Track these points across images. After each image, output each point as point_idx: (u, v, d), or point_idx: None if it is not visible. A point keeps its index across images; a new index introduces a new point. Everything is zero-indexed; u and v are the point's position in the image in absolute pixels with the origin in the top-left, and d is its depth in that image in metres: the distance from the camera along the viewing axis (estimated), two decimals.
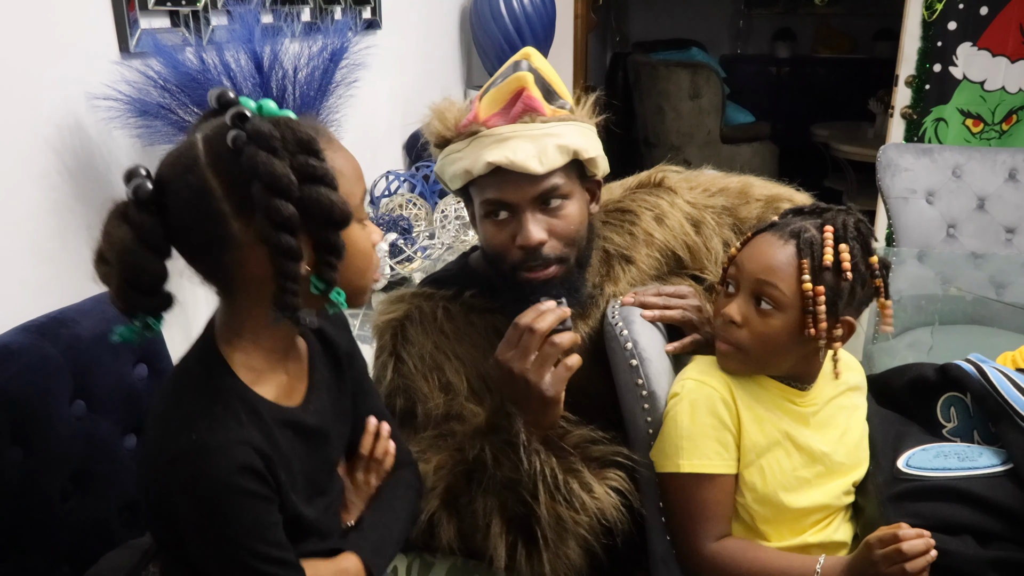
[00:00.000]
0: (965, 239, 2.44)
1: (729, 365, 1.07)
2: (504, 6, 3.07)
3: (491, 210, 1.13)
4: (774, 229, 1.05)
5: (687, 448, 1.05)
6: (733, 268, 1.07)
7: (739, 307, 1.04)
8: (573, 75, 3.81)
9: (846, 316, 1.02)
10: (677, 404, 1.07)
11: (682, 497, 1.07)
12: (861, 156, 4.22)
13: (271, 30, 1.31)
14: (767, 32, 6.20)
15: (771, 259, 1.02)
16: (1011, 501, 0.98)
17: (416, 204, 2.25)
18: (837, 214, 1.05)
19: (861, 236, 1.03)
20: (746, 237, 1.08)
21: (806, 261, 1.00)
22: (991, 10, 2.91)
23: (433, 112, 1.18)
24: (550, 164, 1.08)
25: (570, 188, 1.12)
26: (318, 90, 1.33)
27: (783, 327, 1.01)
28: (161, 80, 1.27)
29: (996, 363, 1.15)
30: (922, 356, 1.54)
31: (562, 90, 1.15)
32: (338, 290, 0.83)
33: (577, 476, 1.03)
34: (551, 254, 1.12)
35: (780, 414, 1.07)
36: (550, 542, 1.01)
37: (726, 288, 1.08)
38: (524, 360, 0.99)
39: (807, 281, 0.99)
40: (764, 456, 1.05)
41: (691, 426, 1.05)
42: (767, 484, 1.05)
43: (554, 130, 1.09)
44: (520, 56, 1.14)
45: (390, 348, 1.20)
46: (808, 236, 1.01)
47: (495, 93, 1.12)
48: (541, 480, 1.01)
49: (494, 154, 1.07)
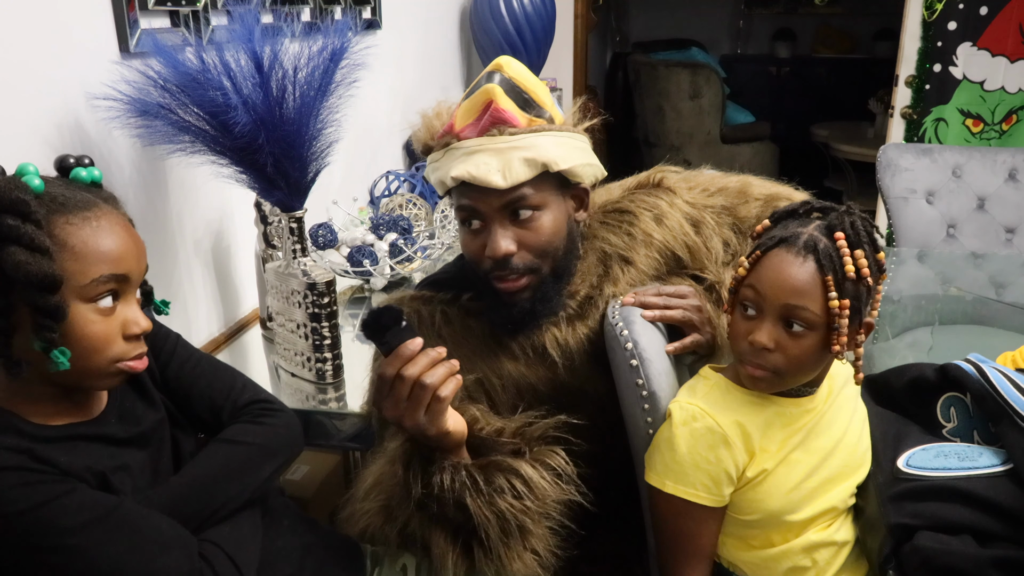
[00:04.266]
0: (965, 239, 2.44)
1: (762, 387, 1.06)
2: (504, 6, 3.06)
3: (464, 218, 1.14)
4: (786, 245, 1.00)
5: (676, 472, 1.05)
6: (751, 292, 1.02)
7: (769, 333, 1.00)
8: (573, 75, 3.81)
9: (868, 319, 1.03)
10: (680, 428, 1.05)
11: (667, 516, 1.08)
12: (861, 156, 4.22)
13: (271, 30, 1.31)
14: (767, 32, 6.20)
15: (796, 280, 0.98)
16: (1011, 501, 0.98)
17: (416, 204, 2.25)
18: (841, 217, 1.02)
19: (868, 236, 1.01)
20: (754, 254, 1.03)
21: (830, 277, 0.97)
22: (991, 10, 2.91)
23: (422, 119, 1.20)
24: (515, 178, 1.07)
25: (542, 199, 1.12)
26: (318, 90, 1.32)
27: (816, 344, 1.00)
28: (161, 80, 1.27)
29: (996, 363, 1.14)
30: (922, 356, 1.54)
31: (541, 99, 1.14)
32: (61, 350, 0.84)
33: (499, 467, 1.01)
34: (520, 264, 1.12)
35: (791, 429, 1.07)
36: (494, 539, 1.00)
37: (744, 311, 1.04)
38: (396, 408, 0.95)
39: (834, 299, 0.97)
40: (775, 473, 1.05)
41: (687, 454, 1.04)
42: (776, 501, 1.06)
43: (523, 142, 1.09)
44: (493, 67, 1.13)
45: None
46: (824, 248, 0.99)
47: (467, 104, 1.13)
48: (465, 489, 0.99)
49: (458, 168, 1.09)
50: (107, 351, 0.89)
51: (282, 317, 1.51)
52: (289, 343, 1.52)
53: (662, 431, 1.08)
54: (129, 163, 1.45)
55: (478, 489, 0.99)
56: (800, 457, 1.07)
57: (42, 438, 0.88)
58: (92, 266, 0.87)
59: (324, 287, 1.43)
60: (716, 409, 1.06)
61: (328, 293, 1.43)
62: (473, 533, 1.01)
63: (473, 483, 0.99)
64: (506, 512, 0.99)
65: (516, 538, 1.01)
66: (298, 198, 1.39)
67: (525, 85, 1.13)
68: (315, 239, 1.90)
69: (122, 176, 1.43)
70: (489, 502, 0.99)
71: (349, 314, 1.84)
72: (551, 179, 1.13)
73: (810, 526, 1.08)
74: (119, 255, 0.89)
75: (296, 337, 1.49)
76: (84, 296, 0.86)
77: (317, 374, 1.49)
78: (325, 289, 1.43)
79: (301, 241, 1.45)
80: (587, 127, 1.20)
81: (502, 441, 1.05)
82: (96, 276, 0.87)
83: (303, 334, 1.47)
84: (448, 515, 1.01)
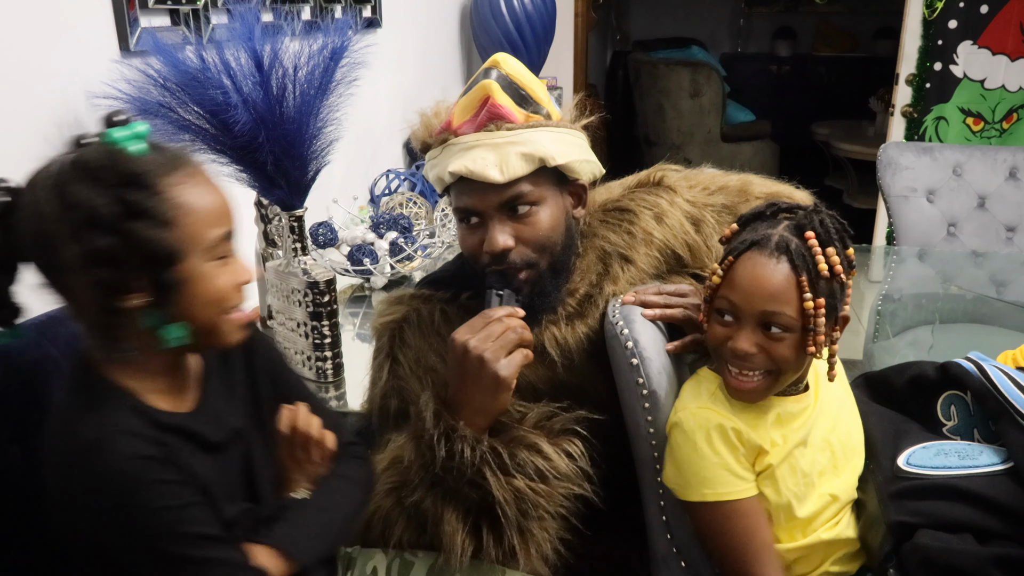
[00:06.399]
0: (965, 238, 2.44)
1: (751, 398, 1.05)
2: (504, 5, 3.06)
3: (462, 216, 1.15)
4: (758, 248, 1.00)
5: (709, 478, 1.04)
6: (725, 301, 1.01)
7: (749, 338, 1.00)
8: (573, 73, 3.81)
9: (842, 313, 1.03)
10: (697, 434, 1.04)
11: (720, 525, 1.05)
12: (861, 154, 4.21)
13: (271, 28, 1.31)
14: (767, 30, 6.20)
15: (771, 285, 0.98)
16: (1011, 499, 0.98)
17: (416, 202, 2.25)
18: (810, 216, 1.01)
19: (838, 233, 1.01)
20: (727, 260, 1.02)
21: (804, 277, 0.97)
22: (991, 8, 2.91)
23: (420, 118, 1.20)
24: (512, 173, 1.08)
25: (540, 195, 1.12)
26: (318, 88, 1.32)
27: (796, 344, 1.00)
28: (161, 79, 1.26)
29: (996, 361, 1.14)
30: (922, 354, 1.54)
31: (538, 95, 1.14)
32: (179, 325, 0.80)
33: (522, 443, 1.03)
34: (518, 259, 1.13)
35: (793, 426, 1.07)
36: (511, 518, 1.01)
37: (720, 317, 1.03)
38: (485, 342, 1.01)
39: (809, 299, 0.97)
40: (778, 469, 1.05)
41: (711, 456, 1.03)
42: (781, 496, 1.06)
43: (520, 137, 1.09)
44: (490, 63, 1.14)
45: (387, 350, 1.21)
46: (796, 248, 0.98)
47: (464, 101, 1.13)
48: (485, 464, 1.01)
49: (455, 163, 1.09)
50: (228, 302, 0.85)
51: (282, 316, 1.51)
52: (289, 342, 1.52)
53: (678, 446, 1.06)
54: None
55: (501, 464, 1.01)
56: (803, 451, 1.07)
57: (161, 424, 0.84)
58: (210, 224, 0.82)
59: (324, 286, 1.43)
60: (723, 408, 1.06)
61: (328, 292, 1.44)
62: (485, 514, 1.02)
63: (496, 457, 1.01)
64: (525, 493, 1.01)
65: (532, 519, 1.02)
66: (298, 197, 1.39)
67: (522, 81, 1.13)
68: (315, 238, 1.91)
69: None
70: (509, 480, 1.01)
71: (349, 313, 1.84)
72: (548, 174, 1.13)
73: (817, 520, 1.08)
74: (226, 205, 0.84)
75: (296, 336, 1.49)
76: (208, 256, 0.82)
77: (317, 373, 1.49)
78: (325, 288, 1.43)
79: (301, 240, 1.45)
80: (585, 124, 1.20)
81: (524, 429, 1.06)
82: (217, 234, 0.83)
83: (303, 333, 1.47)
84: (462, 492, 1.02)
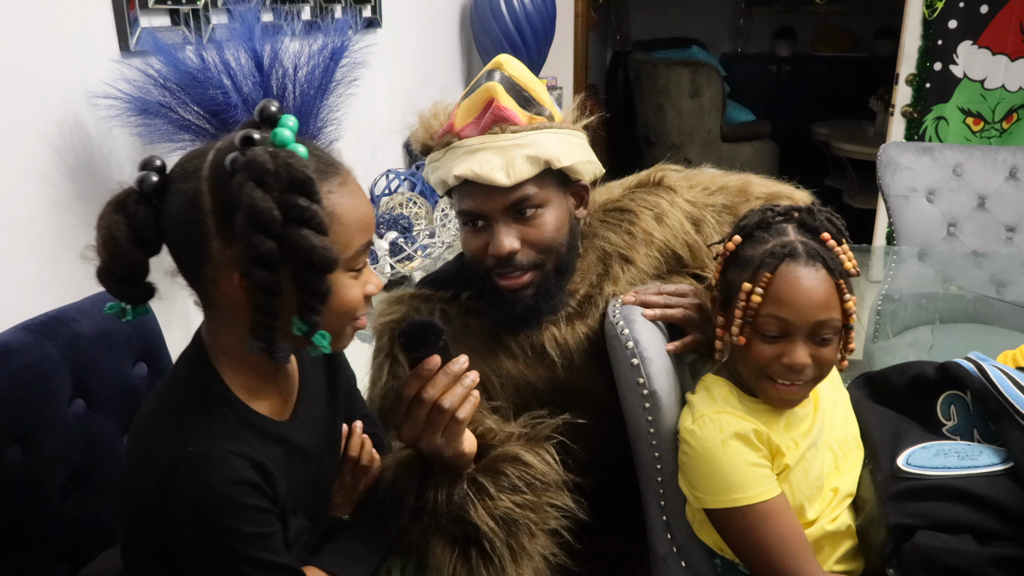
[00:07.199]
0: (965, 238, 2.44)
1: (792, 404, 1.07)
2: (504, 5, 3.06)
3: (467, 219, 1.14)
4: (792, 260, 0.99)
5: (735, 483, 1.03)
6: (772, 319, 0.99)
7: (803, 352, 1.00)
8: (573, 74, 3.81)
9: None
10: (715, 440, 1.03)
11: (753, 530, 1.04)
12: (861, 154, 4.22)
13: (271, 28, 1.31)
14: (767, 30, 6.19)
15: (819, 294, 0.98)
16: (1011, 500, 0.98)
17: (416, 202, 2.25)
18: (816, 216, 1.03)
19: (843, 229, 1.04)
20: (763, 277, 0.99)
21: (840, 280, 0.99)
22: (991, 8, 2.91)
23: (420, 119, 1.19)
24: (518, 176, 1.07)
25: (545, 197, 1.12)
26: (318, 89, 1.33)
27: (838, 345, 1.03)
28: (161, 79, 1.27)
29: (996, 361, 1.14)
30: (922, 354, 1.54)
31: (540, 96, 1.14)
32: (323, 333, 0.80)
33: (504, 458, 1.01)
34: (524, 261, 1.12)
35: (803, 428, 1.08)
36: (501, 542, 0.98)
37: (765, 336, 1.01)
38: (413, 430, 0.94)
39: (849, 300, 0.99)
40: (793, 472, 1.06)
41: (734, 458, 1.03)
42: (795, 498, 1.06)
43: (525, 140, 1.09)
44: (492, 65, 1.13)
45: (387, 350, 1.21)
46: (824, 253, 0.99)
47: (468, 103, 1.12)
48: (467, 501, 0.97)
49: (461, 167, 1.08)
50: (358, 311, 0.85)
51: None
52: None
53: (697, 453, 1.05)
54: (129, 162, 1.45)
55: (484, 494, 0.98)
56: (815, 453, 1.08)
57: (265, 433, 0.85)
58: (356, 235, 0.82)
59: None
60: (741, 411, 1.06)
61: None
62: (473, 542, 0.99)
63: (477, 491, 0.98)
64: (512, 513, 0.98)
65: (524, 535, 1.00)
66: None
67: (525, 83, 1.13)
68: None
69: (122, 175, 1.43)
70: (496, 505, 0.98)
71: None
72: (553, 176, 1.13)
73: (821, 519, 1.09)
74: (371, 217, 0.84)
75: None
76: (347, 266, 0.82)
77: None
78: None
79: None
80: (586, 124, 1.20)
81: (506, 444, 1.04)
82: (360, 245, 0.82)
83: None
84: (444, 526, 0.99)
